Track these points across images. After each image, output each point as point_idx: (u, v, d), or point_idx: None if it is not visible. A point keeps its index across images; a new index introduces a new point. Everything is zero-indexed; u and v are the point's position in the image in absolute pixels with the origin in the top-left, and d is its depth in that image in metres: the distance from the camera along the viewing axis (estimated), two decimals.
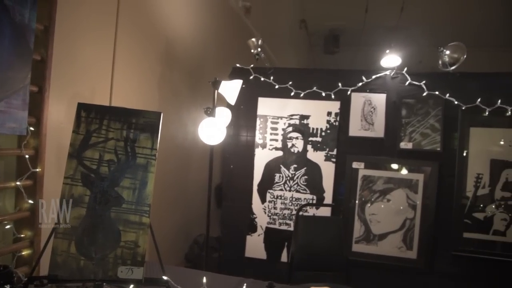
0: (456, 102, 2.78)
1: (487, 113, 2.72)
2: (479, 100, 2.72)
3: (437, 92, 2.80)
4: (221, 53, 4.10)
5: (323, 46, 7.00)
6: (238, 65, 3.10)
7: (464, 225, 2.77)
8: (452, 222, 2.78)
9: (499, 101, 2.69)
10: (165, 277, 1.58)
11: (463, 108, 2.76)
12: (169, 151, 3.19)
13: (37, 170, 1.68)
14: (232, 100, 2.52)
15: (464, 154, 2.78)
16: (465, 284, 2.75)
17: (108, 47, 2.26)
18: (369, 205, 2.90)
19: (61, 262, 1.47)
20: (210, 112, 2.55)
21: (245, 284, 1.72)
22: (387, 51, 2.84)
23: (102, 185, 1.56)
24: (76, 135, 1.58)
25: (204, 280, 1.72)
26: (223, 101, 2.76)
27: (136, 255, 1.53)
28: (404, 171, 2.87)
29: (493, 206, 2.74)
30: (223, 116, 2.71)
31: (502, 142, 2.75)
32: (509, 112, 2.68)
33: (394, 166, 2.88)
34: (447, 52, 2.77)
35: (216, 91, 2.51)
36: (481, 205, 2.75)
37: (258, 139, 3.04)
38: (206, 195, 2.63)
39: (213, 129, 2.34)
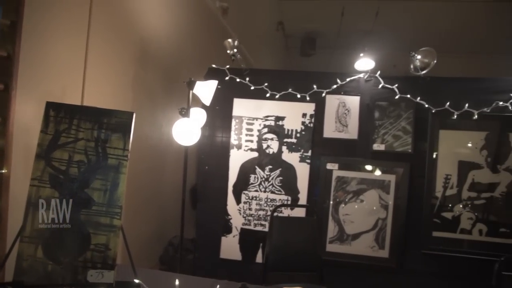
0: (426, 105, 2.86)
1: (455, 116, 2.81)
2: (448, 104, 2.81)
3: (408, 96, 2.88)
4: (197, 53, 4.08)
5: (300, 48, 7.06)
6: (213, 65, 3.09)
7: (434, 225, 2.85)
8: (422, 222, 2.85)
9: (467, 105, 2.79)
10: (136, 280, 1.55)
11: (433, 111, 2.85)
12: (143, 151, 3.14)
13: (3, 171, 1.62)
14: (207, 101, 2.51)
15: (434, 155, 2.86)
16: (434, 281, 2.82)
17: (80, 45, 2.21)
18: (343, 205, 2.95)
19: (27, 267, 1.42)
20: (184, 112, 2.53)
21: (218, 286, 1.72)
22: (361, 54, 2.89)
23: (72, 187, 1.52)
24: (44, 135, 1.53)
25: (177, 282, 1.70)
26: (198, 102, 2.74)
27: (106, 258, 1.50)
28: (377, 172, 2.92)
29: (461, 206, 2.84)
30: (198, 116, 2.69)
31: (469, 145, 2.85)
32: (476, 116, 2.78)
33: (368, 167, 2.94)
34: (418, 57, 2.84)
35: (191, 91, 2.49)
36: (449, 205, 2.85)
37: (234, 140, 3.04)
38: (181, 196, 2.60)
39: (187, 130, 2.31)
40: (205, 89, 2.47)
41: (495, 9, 5.87)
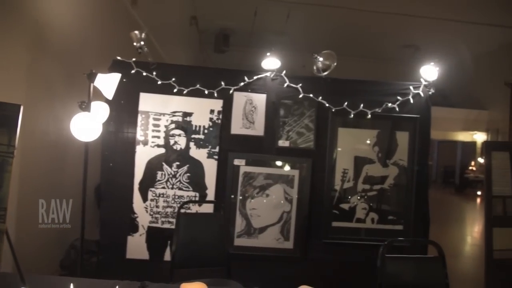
0: (327, 105, 3.06)
1: (352, 115, 3.05)
2: (346, 103, 3.05)
3: (311, 95, 3.05)
4: (102, 43, 3.86)
5: (214, 45, 7.07)
6: (119, 57, 2.94)
7: (333, 215, 3.08)
8: (323, 213, 3.06)
9: (362, 105, 3.05)
10: None
11: (333, 110, 3.06)
12: (39, 148, 2.91)
13: None
14: (109, 95, 2.39)
15: (334, 151, 3.09)
16: (334, 267, 3.04)
17: None
18: (250, 200, 3.03)
19: None
20: (85, 106, 2.38)
21: (117, 287, 1.66)
22: (268, 54, 2.99)
23: None
24: None
25: (71, 286, 1.61)
26: (101, 96, 2.60)
27: None
28: (286, 168, 3.05)
29: (357, 197, 3.10)
30: (100, 111, 2.55)
31: (365, 141, 3.13)
32: (369, 115, 3.06)
33: (273, 163, 3.05)
34: (321, 59, 3.03)
35: (92, 84, 2.35)
36: (347, 197, 3.10)
37: (140, 135, 2.94)
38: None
39: (87, 125, 2.19)
40: (107, 82, 2.35)
41: (389, 20, 6.49)
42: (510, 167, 1.61)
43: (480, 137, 9.84)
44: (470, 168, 13.47)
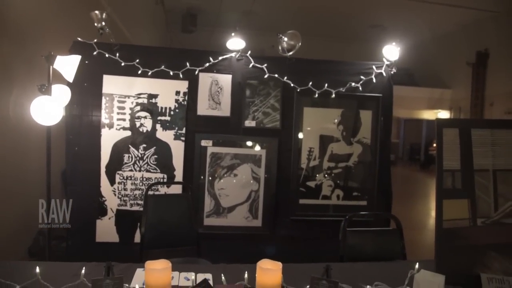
0: (292, 85, 3.10)
1: (316, 95, 3.11)
2: (310, 83, 3.09)
3: (276, 75, 3.08)
4: (63, 24, 3.72)
5: (181, 25, 6.93)
6: (79, 39, 2.86)
7: (300, 193, 3.17)
8: (290, 191, 3.14)
9: (326, 85, 3.11)
10: None
11: (298, 90, 3.11)
12: None
13: None
14: (69, 77, 2.33)
15: (299, 130, 3.15)
16: (302, 243, 3.15)
17: None
18: (218, 180, 3.07)
19: None
20: (45, 89, 2.32)
21: (84, 268, 1.66)
22: (232, 34, 2.98)
23: None
24: None
25: (37, 269, 1.60)
26: (63, 78, 2.53)
27: None
28: (249, 148, 3.10)
29: (323, 175, 3.20)
30: (62, 94, 2.49)
31: (330, 120, 3.20)
32: (333, 95, 3.13)
33: (240, 143, 3.09)
34: (285, 39, 3.05)
35: (51, 66, 2.29)
36: (313, 175, 3.18)
37: (104, 118, 2.90)
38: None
39: (47, 108, 2.14)
40: (67, 64, 2.30)
41: (358, 1, 6.54)
42: (459, 143, 1.70)
43: (444, 115, 10.18)
44: (434, 145, 13.93)
